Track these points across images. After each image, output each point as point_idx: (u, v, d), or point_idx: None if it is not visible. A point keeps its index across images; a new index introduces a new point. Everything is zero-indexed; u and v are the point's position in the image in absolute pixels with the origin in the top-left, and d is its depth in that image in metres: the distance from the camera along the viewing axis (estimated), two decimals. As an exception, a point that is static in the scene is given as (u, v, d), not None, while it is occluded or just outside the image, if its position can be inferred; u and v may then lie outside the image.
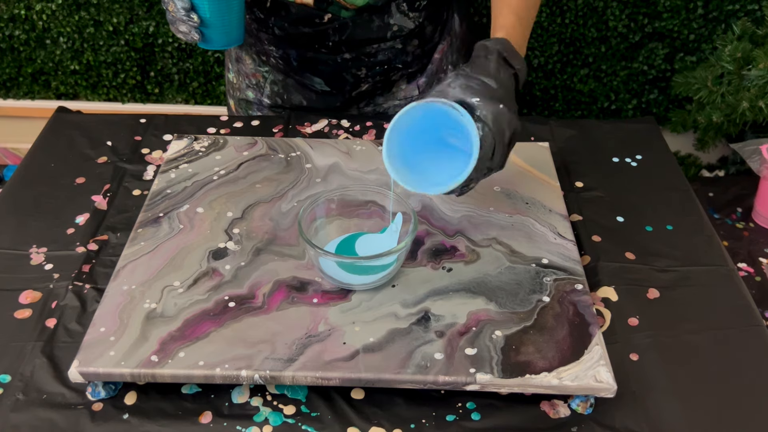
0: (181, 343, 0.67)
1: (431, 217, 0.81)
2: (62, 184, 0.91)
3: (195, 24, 0.81)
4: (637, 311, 0.75)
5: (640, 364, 0.70)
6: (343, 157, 0.90)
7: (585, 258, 0.81)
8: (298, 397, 0.67)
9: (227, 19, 0.84)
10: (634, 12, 1.56)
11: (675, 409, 0.66)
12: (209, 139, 0.93)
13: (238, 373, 0.64)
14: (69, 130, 1.00)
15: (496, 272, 0.74)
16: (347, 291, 0.72)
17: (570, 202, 0.87)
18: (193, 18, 0.80)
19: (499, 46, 0.73)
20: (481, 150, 0.67)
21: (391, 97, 1.05)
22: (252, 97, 1.06)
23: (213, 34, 0.84)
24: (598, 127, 1.01)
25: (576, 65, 1.65)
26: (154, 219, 0.81)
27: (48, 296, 0.76)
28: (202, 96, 1.77)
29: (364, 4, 0.92)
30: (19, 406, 0.66)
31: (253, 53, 1.03)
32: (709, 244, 0.83)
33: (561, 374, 0.64)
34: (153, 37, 1.68)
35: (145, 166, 0.94)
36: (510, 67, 0.73)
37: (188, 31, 0.82)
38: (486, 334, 0.68)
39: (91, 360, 0.65)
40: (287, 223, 0.80)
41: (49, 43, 1.70)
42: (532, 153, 0.91)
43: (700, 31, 1.57)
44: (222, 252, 0.76)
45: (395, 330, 0.68)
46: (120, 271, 0.74)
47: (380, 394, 0.67)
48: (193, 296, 0.71)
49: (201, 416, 0.66)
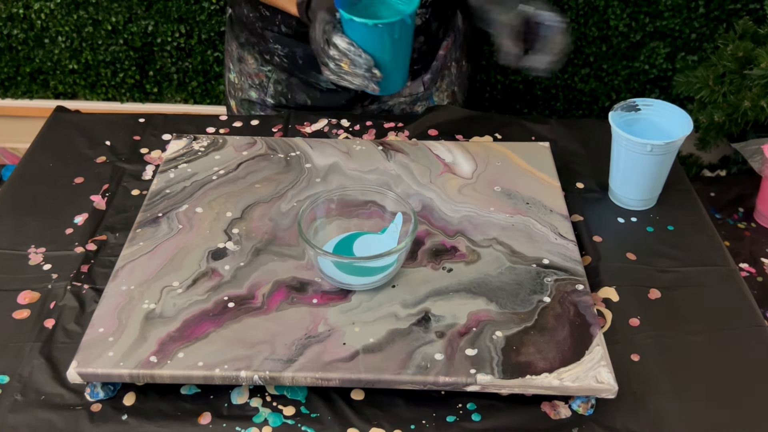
0: (180, 343, 0.66)
1: (431, 217, 0.81)
2: (61, 183, 0.91)
3: (378, 78, 0.78)
4: (638, 312, 0.75)
5: (641, 364, 0.70)
6: (343, 157, 0.90)
7: (586, 258, 0.81)
8: (298, 397, 0.67)
9: (403, 63, 0.81)
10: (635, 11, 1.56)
11: (676, 409, 0.66)
12: (208, 139, 0.93)
13: (238, 373, 0.64)
14: (67, 130, 1.00)
15: (496, 272, 0.74)
16: (347, 291, 0.72)
17: (571, 202, 0.87)
18: (376, 74, 0.77)
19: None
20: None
21: (396, 94, 1.05)
22: (255, 97, 1.06)
23: (390, 83, 0.81)
24: (599, 127, 1.00)
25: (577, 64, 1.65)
26: (153, 219, 0.80)
27: (46, 297, 0.76)
28: (201, 95, 1.77)
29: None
30: (17, 407, 0.66)
31: (255, 53, 1.03)
32: (711, 245, 0.83)
33: (562, 375, 0.64)
34: (152, 36, 1.67)
35: (144, 166, 0.94)
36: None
37: (366, 84, 0.78)
38: (486, 334, 0.67)
39: (89, 361, 0.65)
40: (287, 223, 0.80)
41: (48, 43, 1.69)
42: (532, 153, 0.91)
43: (702, 30, 1.56)
44: (221, 252, 0.76)
45: (395, 330, 0.68)
46: (119, 271, 0.74)
47: (380, 394, 0.67)
48: (193, 297, 0.71)
49: (200, 417, 0.65)
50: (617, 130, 0.84)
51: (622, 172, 0.86)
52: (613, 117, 0.86)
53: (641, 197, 0.87)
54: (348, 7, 0.77)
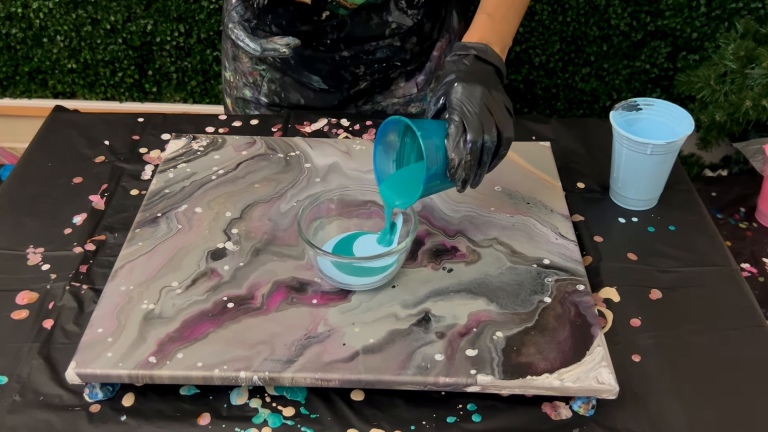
0: (179, 344, 0.66)
1: (432, 218, 0.81)
2: (59, 183, 0.91)
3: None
4: (639, 312, 0.74)
5: (642, 365, 0.69)
6: (343, 157, 0.90)
7: (587, 258, 0.80)
8: (298, 398, 0.67)
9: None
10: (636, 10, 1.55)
11: (677, 410, 0.65)
12: (208, 139, 0.93)
13: (237, 374, 0.63)
14: (66, 130, 1.00)
15: (497, 273, 0.74)
16: (347, 292, 0.71)
17: (572, 202, 0.87)
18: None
19: (452, 51, 0.75)
20: (448, 134, 0.68)
21: (390, 95, 1.05)
22: (249, 96, 1.06)
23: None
24: (600, 127, 1.00)
25: (578, 64, 1.65)
26: (152, 219, 0.80)
27: (45, 297, 0.76)
28: (200, 95, 1.77)
29: (363, 2, 0.91)
30: (15, 408, 0.65)
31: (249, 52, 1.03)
32: (712, 245, 0.83)
33: (562, 375, 0.63)
34: (151, 36, 1.67)
35: (143, 166, 0.94)
36: (465, 56, 0.74)
37: None
38: (487, 335, 0.67)
39: (88, 361, 0.64)
40: (286, 223, 0.80)
41: (46, 42, 1.69)
42: (533, 153, 0.91)
43: (703, 29, 1.56)
44: (221, 252, 0.76)
45: (395, 331, 0.67)
46: (118, 271, 0.73)
47: (380, 395, 0.67)
48: (192, 297, 0.71)
49: (199, 418, 0.65)
50: (618, 129, 0.84)
51: (623, 172, 0.86)
52: (614, 116, 0.85)
53: (642, 197, 0.87)
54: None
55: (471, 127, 0.68)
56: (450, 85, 0.71)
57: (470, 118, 0.69)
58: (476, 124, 0.69)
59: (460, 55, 0.74)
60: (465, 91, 0.70)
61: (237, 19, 0.96)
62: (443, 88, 0.72)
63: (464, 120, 0.69)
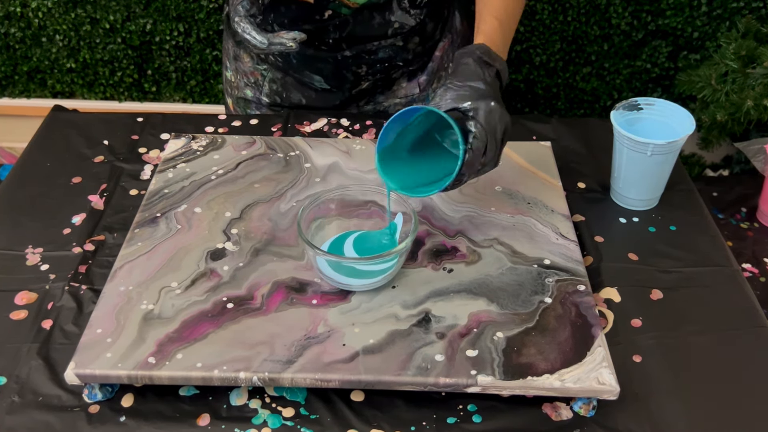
0: (178, 344, 0.66)
1: (432, 218, 0.80)
2: (58, 183, 0.90)
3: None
4: (640, 312, 0.74)
5: (643, 365, 0.69)
6: (343, 157, 0.89)
7: (587, 259, 0.80)
8: (297, 399, 0.67)
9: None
10: (637, 9, 1.55)
11: (678, 411, 0.65)
12: (207, 138, 0.93)
13: (237, 375, 0.63)
14: (65, 129, 0.99)
15: (497, 273, 0.73)
16: (347, 292, 0.71)
17: (572, 202, 0.86)
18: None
19: (478, 50, 0.75)
20: (472, 149, 0.69)
21: (392, 95, 1.04)
22: (250, 96, 1.05)
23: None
24: (600, 126, 1.00)
25: (578, 63, 1.65)
26: (151, 219, 0.80)
27: (44, 297, 0.75)
28: (199, 94, 1.77)
29: (365, 2, 0.91)
30: (14, 409, 0.65)
31: (251, 51, 1.03)
32: (713, 245, 0.82)
33: (563, 376, 0.63)
34: (150, 35, 1.67)
35: (142, 166, 0.93)
36: (491, 66, 0.75)
37: None
38: (487, 335, 0.67)
39: (87, 362, 0.64)
40: (286, 223, 0.79)
41: (45, 41, 1.69)
42: (534, 152, 0.91)
43: (704, 28, 1.56)
44: (220, 252, 0.76)
45: (395, 331, 0.67)
46: (117, 271, 0.73)
47: (380, 396, 0.66)
48: (191, 297, 0.71)
49: (199, 418, 0.65)
50: (619, 129, 0.83)
51: (623, 172, 0.86)
52: (615, 116, 0.85)
53: (643, 197, 0.87)
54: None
55: (490, 155, 0.71)
56: (482, 99, 0.71)
57: (493, 147, 0.71)
58: (494, 156, 0.72)
59: (486, 63, 0.74)
60: (501, 118, 0.71)
61: (243, 14, 0.97)
62: (469, 91, 0.71)
63: (488, 145, 0.70)
